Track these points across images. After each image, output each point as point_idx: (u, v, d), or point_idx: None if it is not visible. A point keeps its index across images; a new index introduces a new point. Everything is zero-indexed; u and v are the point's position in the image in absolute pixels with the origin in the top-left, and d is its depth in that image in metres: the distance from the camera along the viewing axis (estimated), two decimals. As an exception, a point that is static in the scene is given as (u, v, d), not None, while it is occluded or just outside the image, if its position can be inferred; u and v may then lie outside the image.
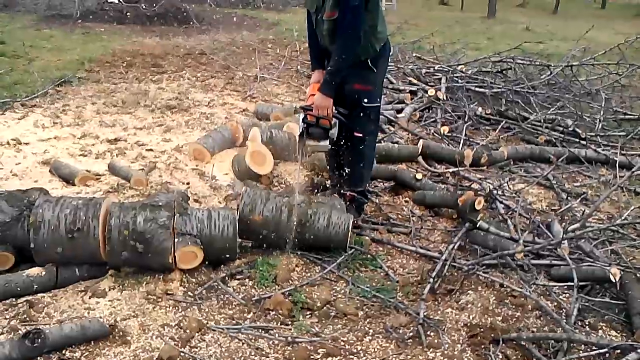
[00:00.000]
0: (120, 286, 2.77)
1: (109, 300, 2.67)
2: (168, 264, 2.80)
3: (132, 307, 2.64)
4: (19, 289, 2.66)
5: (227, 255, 2.98)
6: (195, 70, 7.78)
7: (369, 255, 3.24)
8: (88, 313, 2.56)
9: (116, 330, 2.47)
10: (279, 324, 2.63)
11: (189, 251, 2.82)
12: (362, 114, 3.36)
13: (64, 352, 2.33)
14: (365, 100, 3.33)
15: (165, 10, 13.07)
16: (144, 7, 12.88)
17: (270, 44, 10.50)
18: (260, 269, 2.99)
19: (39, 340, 2.25)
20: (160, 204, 2.86)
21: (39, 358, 2.28)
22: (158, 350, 2.36)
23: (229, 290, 2.82)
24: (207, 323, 2.57)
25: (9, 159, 4.27)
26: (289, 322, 2.65)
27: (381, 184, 4.28)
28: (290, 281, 2.95)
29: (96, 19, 12.54)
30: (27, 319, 2.51)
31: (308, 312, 2.74)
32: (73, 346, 2.36)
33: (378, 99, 3.42)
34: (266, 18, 15.24)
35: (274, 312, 2.70)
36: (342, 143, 3.48)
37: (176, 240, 2.79)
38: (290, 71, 8.17)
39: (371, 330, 2.62)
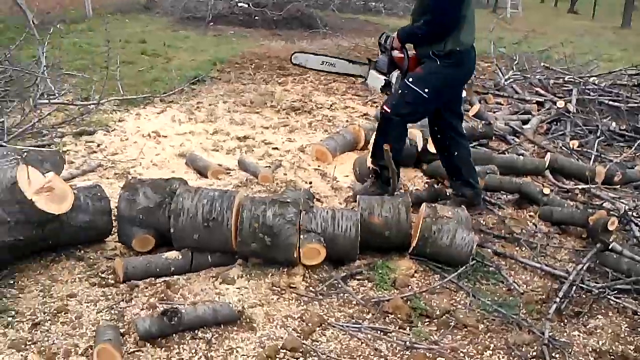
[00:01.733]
0: (248, 275, 2.92)
1: (237, 288, 2.82)
2: (293, 259, 2.91)
3: (258, 296, 2.78)
4: (158, 269, 2.89)
5: (348, 255, 3.04)
6: (318, 74, 7.97)
7: (491, 268, 3.16)
8: (218, 298, 2.73)
9: (244, 316, 2.60)
10: (397, 328, 2.64)
11: (313, 248, 2.91)
12: (399, 91, 3.42)
13: (196, 331, 2.50)
14: (411, 79, 3.37)
15: (290, 15, 13.51)
16: (271, 11, 13.40)
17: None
18: (380, 271, 3.02)
19: (176, 318, 2.43)
20: (288, 200, 2.98)
21: (174, 335, 2.47)
22: (282, 340, 2.46)
23: (349, 289, 2.88)
24: (328, 319, 2.64)
25: (150, 149, 4.63)
26: (407, 327, 2.66)
27: (504, 196, 4.15)
28: (409, 286, 2.95)
29: (227, 22, 13.22)
30: (165, 297, 2.72)
31: (427, 320, 2.73)
32: (204, 327, 2.52)
33: (425, 90, 3.33)
34: (387, 24, 15.25)
35: (392, 316, 2.72)
36: (447, 145, 3.62)
37: (302, 236, 2.90)
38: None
39: (492, 345, 2.56)
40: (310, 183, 4.15)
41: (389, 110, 3.41)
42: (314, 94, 6.79)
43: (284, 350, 2.40)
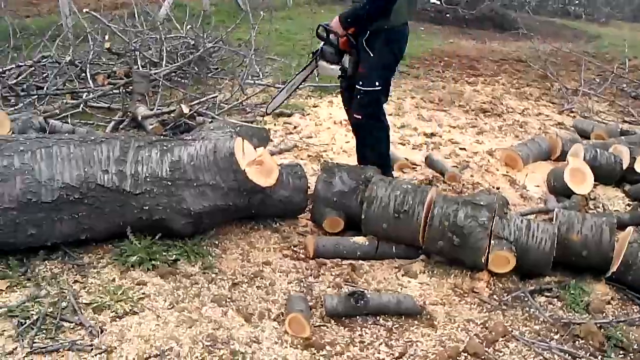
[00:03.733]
0: (430, 272, 2.91)
1: (419, 283, 2.83)
2: (479, 263, 2.84)
3: (439, 294, 2.76)
4: (345, 252, 3.00)
5: (539, 269, 2.90)
6: (510, 77, 7.66)
7: None
8: (401, 289, 2.76)
9: (424, 312, 2.61)
10: (587, 355, 2.46)
11: (502, 256, 2.81)
12: (358, 96, 3.41)
13: (378, 317, 2.56)
14: (360, 83, 3.36)
15: (483, 15, 13.11)
16: (463, 9, 13.11)
17: (591, 58, 9.71)
18: (572, 292, 2.82)
19: (362, 301, 2.51)
20: (482, 203, 2.91)
21: (357, 317, 2.55)
22: (463, 343, 2.42)
23: (536, 304, 2.74)
24: (512, 331, 2.55)
25: (340, 136, 4.80)
26: (600, 357, 2.46)
27: None
28: (603, 313, 2.73)
29: (417, 18, 13.19)
30: (350, 279, 2.82)
31: (622, 352, 2.50)
32: (386, 315, 2.57)
33: (376, 83, 3.35)
34: (586, 30, 14.12)
35: (583, 341, 2.53)
36: None
37: (492, 242, 2.82)
38: (614, 89, 7.46)
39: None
40: (498, 188, 4.01)
41: (360, 117, 3.46)
42: (504, 97, 6.53)
43: (465, 354, 2.36)
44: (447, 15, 13.12)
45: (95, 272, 2.64)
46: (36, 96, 4.90)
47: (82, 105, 4.83)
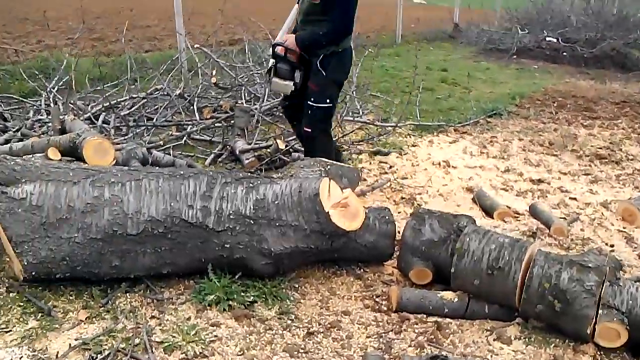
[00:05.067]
0: (527, 339, 2.61)
1: (512, 350, 2.54)
2: (584, 334, 2.51)
3: (535, 365, 2.46)
4: (431, 307, 2.77)
5: (657, 347, 2.51)
6: (632, 121, 7.04)
7: None
8: (491, 356, 2.49)
9: (517, 385, 2.33)
10: None
11: (612, 328, 2.46)
12: (309, 112, 3.70)
13: (462, 386, 2.32)
14: (312, 99, 3.67)
15: (603, 53, 12.30)
16: (582, 48, 12.39)
17: None
18: (698, 378, 2.42)
19: (444, 366, 2.28)
20: (589, 265, 2.59)
21: (439, 382, 2.32)
22: None
23: (652, 389, 2.36)
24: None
25: (438, 179, 4.58)
26: None
27: None
28: None
29: (531, 55, 12.67)
30: (434, 339, 2.58)
31: None
32: (471, 385, 2.32)
33: (327, 100, 3.69)
34: None
35: None
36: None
37: (600, 311, 2.48)
38: None
39: None
40: (612, 246, 3.60)
41: (310, 130, 3.75)
42: (624, 143, 6.00)
43: None
44: (564, 53, 12.45)
45: (173, 308, 2.62)
46: (144, 127, 5.13)
47: (185, 138, 4.99)
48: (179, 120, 5.45)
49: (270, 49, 3.80)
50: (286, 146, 4.55)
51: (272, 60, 3.73)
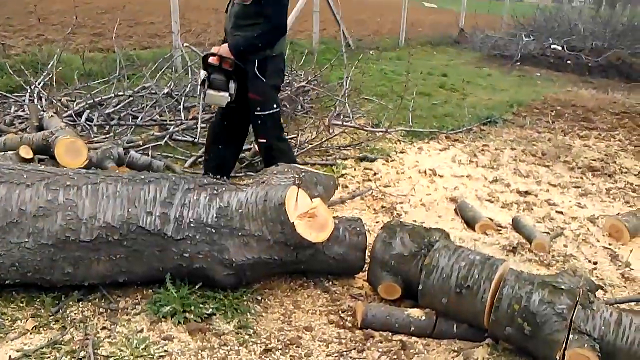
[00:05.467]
0: (494, 361, 2.50)
1: (479, 373, 2.43)
2: (553, 359, 2.39)
3: (501, 391, 2.34)
4: (397, 325, 2.65)
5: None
6: (629, 132, 6.89)
7: None
8: (455, 379, 2.38)
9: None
10: None
11: (582, 354, 2.34)
12: (259, 122, 3.65)
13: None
14: (258, 109, 3.59)
15: (609, 62, 12.13)
16: (587, 56, 12.23)
17: None
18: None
19: (402, 391, 2.17)
20: (562, 287, 2.46)
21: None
22: None
23: (622, 420, 2.24)
24: None
25: (422, 187, 4.46)
26: None
27: None
28: None
29: (534, 63, 12.52)
30: None
31: None
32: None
33: (274, 105, 3.63)
34: None
35: None
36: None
37: (571, 336, 2.36)
38: None
39: None
40: (595, 264, 3.47)
41: (265, 140, 3.70)
42: (620, 155, 5.85)
43: None
44: (568, 62, 12.28)
45: (126, 319, 2.52)
46: (126, 126, 5.03)
47: (166, 138, 4.88)
48: (163, 119, 5.34)
49: (201, 60, 3.65)
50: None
51: (203, 72, 3.58)
